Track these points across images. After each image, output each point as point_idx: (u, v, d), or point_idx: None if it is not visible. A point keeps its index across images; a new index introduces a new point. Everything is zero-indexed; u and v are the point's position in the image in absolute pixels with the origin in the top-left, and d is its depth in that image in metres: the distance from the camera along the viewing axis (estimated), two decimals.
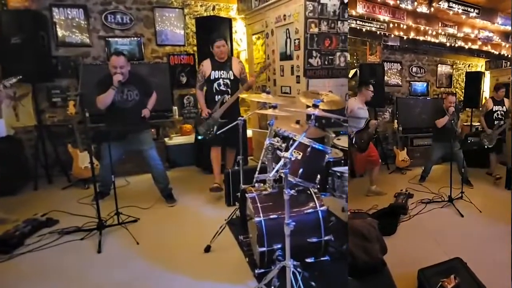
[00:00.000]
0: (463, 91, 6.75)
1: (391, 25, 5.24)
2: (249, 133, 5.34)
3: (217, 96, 3.90)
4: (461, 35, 5.69)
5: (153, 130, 4.62)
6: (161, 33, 5.50)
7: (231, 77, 3.91)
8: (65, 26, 4.98)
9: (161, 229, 3.32)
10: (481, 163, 5.27)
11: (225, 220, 3.08)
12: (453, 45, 6.01)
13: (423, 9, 4.65)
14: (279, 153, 2.31)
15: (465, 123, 6.62)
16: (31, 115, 4.79)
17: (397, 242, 3.11)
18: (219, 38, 3.94)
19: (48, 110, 5.01)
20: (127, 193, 4.20)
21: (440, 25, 5.31)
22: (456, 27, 5.47)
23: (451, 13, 4.77)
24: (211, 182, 4.05)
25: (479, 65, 7.27)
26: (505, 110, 5.02)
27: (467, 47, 6.10)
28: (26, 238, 3.07)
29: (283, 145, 2.46)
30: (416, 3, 4.55)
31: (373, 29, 5.13)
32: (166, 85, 5.17)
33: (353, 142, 3.95)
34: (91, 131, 3.42)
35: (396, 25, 5.21)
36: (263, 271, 2.35)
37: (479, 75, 6.39)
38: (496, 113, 5.00)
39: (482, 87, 6.41)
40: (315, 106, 2.43)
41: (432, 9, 4.71)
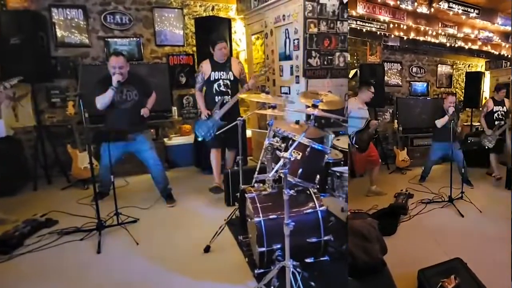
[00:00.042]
0: (463, 91, 6.76)
1: (391, 26, 5.24)
2: (249, 133, 5.34)
3: (217, 97, 3.88)
4: (461, 35, 5.69)
5: (152, 130, 4.61)
6: (160, 33, 5.50)
7: (231, 78, 3.89)
8: (64, 26, 4.98)
9: (160, 229, 3.31)
10: (481, 163, 5.28)
11: (224, 220, 3.07)
12: (453, 45, 6.01)
13: (423, 9, 4.66)
14: (278, 153, 2.31)
15: (465, 123, 6.63)
16: (31, 116, 4.78)
17: (397, 242, 3.11)
18: (219, 39, 3.91)
19: (47, 110, 5.01)
20: (127, 194, 4.20)
21: (440, 25, 5.31)
22: (456, 27, 5.48)
23: (451, 13, 4.77)
24: (211, 182, 4.05)
25: (479, 65, 7.28)
26: (505, 110, 5.01)
27: (467, 47, 6.10)
28: (25, 238, 3.07)
29: (283, 145, 2.45)
30: (416, 4, 4.56)
31: (373, 29, 5.13)
32: (165, 85, 5.17)
33: (353, 142, 3.94)
34: (90, 132, 3.41)
35: (396, 25, 5.21)
36: (262, 271, 2.35)
37: (479, 75, 6.41)
38: (496, 114, 5.00)
39: (482, 87, 6.42)
40: (315, 106, 2.43)
41: (432, 10, 4.71)
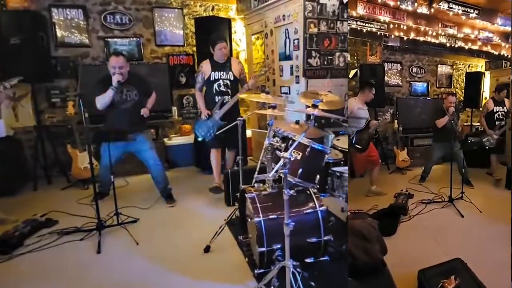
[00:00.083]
0: (463, 91, 6.74)
1: (392, 26, 5.24)
2: (249, 133, 5.34)
3: (217, 97, 3.88)
4: (461, 35, 5.69)
5: (152, 130, 4.61)
6: (160, 33, 5.50)
7: (231, 78, 3.89)
8: (64, 26, 4.98)
9: (160, 229, 3.31)
10: (482, 163, 5.27)
11: (224, 220, 3.07)
12: (453, 45, 6.01)
13: (423, 10, 4.66)
14: (278, 153, 2.31)
15: (465, 123, 6.62)
16: (31, 116, 4.78)
17: (397, 242, 3.11)
18: (219, 39, 3.89)
19: (47, 110, 5.01)
20: (127, 194, 4.20)
21: (440, 25, 5.31)
22: (456, 27, 5.48)
23: (451, 13, 4.77)
24: (211, 182, 4.05)
25: (479, 65, 7.27)
26: (505, 110, 5.01)
27: (467, 47, 6.10)
28: (25, 238, 3.07)
29: (283, 145, 2.45)
30: (416, 4, 4.56)
31: (374, 29, 5.13)
32: (165, 85, 5.17)
33: (353, 142, 3.94)
34: (90, 132, 3.41)
35: (396, 25, 5.21)
36: (262, 271, 2.35)
37: (479, 76, 6.39)
38: (497, 114, 5.00)
39: (482, 87, 6.41)
40: (315, 106, 2.43)
41: (432, 10, 4.71)
